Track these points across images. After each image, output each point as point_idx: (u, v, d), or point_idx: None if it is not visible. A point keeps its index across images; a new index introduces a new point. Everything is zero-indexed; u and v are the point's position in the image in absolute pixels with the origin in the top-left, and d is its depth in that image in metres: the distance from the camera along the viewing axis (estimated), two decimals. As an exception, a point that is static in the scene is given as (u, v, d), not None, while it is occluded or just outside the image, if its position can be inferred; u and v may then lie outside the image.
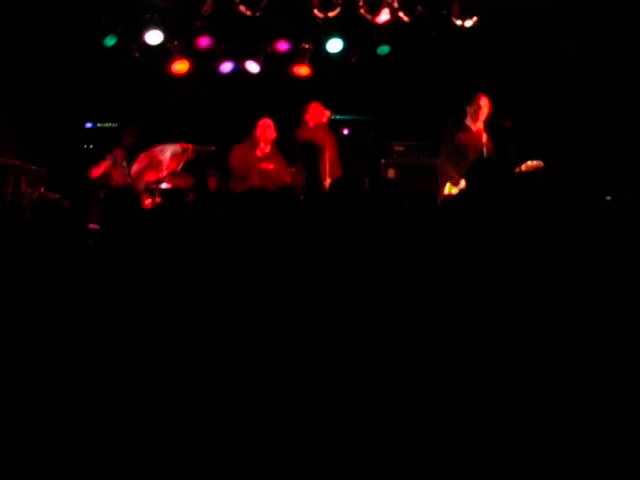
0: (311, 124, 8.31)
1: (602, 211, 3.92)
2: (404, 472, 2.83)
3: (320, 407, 2.94)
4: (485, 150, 7.47)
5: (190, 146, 8.58)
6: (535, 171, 7.21)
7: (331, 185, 4.84)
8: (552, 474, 2.78)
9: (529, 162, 7.26)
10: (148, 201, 8.06)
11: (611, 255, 3.37)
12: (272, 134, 8.35)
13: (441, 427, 2.89)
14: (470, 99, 7.72)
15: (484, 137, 7.54)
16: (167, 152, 8.24)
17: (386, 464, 2.84)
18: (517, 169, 7.17)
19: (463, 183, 7.32)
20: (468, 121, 7.72)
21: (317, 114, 8.30)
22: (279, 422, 2.91)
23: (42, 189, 7.81)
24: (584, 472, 2.78)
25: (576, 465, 2.79)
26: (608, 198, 4.98)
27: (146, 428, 2.93)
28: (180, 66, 9.04)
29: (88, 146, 9.10)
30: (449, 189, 7.57)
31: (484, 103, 7.66)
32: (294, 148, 8.46)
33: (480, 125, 7.66)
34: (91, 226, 6.54)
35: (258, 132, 8.34)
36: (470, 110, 7.69)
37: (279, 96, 9.29)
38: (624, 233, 3.61)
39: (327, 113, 8.24)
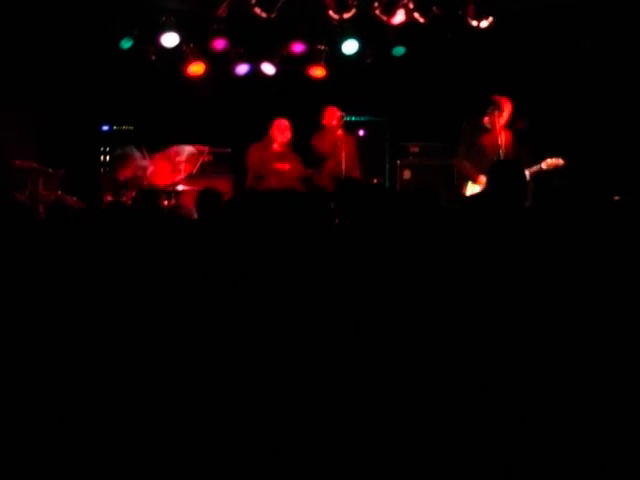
0: (327, 128, 8.48)
1: (621, 211, 3.92)
2: (404, 472, 2.84)
3: (321, 407, 2.96)
4: (503, 150, 7.49)
5: (206, 148, 8.68)
6: (556, 169, 7.27)
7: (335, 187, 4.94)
8: (552, 474, 2.79)
9: (549, 160, 7.31)
10: (165, 203, 8.16)
11: (629, 256, 3.35)
12: (287, 135, 8.50)
13: (441, 427, 2.90)
14: (490, 101, 7.70)
15: (502, 137, 7.57)
16: (183, 154, 8.33)
17: (385, 464, 2.85)
18: (537, 167, 7.24)
19: (483, 179, 7.36)
20: (487, 122, 7.73)
21: (330, 117, 8.46)
22: (279, 422, 2.93)
23: (59, 192, 7.88)
24: (584, 472, 2.78)
25: (576, 465, 2.79)
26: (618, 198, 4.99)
27: (145, 429, 2.95)
28: (196, 68, 9.07)
29: (105, 149, 9.16)
30: (472, 188, 7.62)
31: (506, 106, 7.65)
32: (312, 154, 8.58)
33: (499, 125, 7.69)
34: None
35: (273, 132, 8.51)
36: (491, 112, 7.66)
37: (295, 98, 9.33)
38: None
39: (338, 115, 8.37)
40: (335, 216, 4.57)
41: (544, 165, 7.29)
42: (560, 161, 7.31)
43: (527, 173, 6.89)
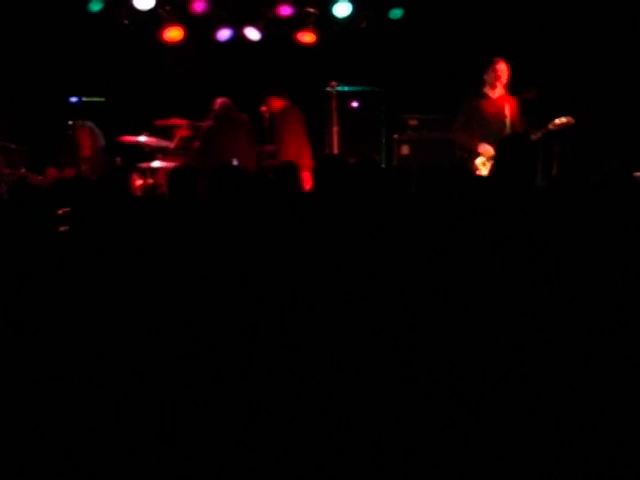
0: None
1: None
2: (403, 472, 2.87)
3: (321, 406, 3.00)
4: (509, 119, 7.45)
5: (185, 121, 8.59)
6: (565, 128, 7.26)
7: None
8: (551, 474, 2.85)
9: (557, 120, 7.26)
10: (139, 182, 8.05)
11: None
12: None
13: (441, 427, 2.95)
14: (487, 65, 7.65)
15: (506, 105, 7.50)
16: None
17: (385, 464, 2.88)
18: (544, 129, 7.21)
19: (485, 147, 7.36)
20: (487, 89, 7.65)
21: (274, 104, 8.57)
22: (279, 422, 2.97)
23: (23, 170, 7.80)
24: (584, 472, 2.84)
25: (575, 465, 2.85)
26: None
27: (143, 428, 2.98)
28: (173, 33, 9.01)
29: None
30: (482, 164, 7.53)
31: (501, 68, 7.59)
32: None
33: (501, 91, 7.60)
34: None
35: None
36: (488, 77, 7.63)
37: (282, 65, 9.25)
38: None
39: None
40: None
41: (551, 126, 7.26)
42: (569, 119, 7.25)
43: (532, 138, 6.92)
